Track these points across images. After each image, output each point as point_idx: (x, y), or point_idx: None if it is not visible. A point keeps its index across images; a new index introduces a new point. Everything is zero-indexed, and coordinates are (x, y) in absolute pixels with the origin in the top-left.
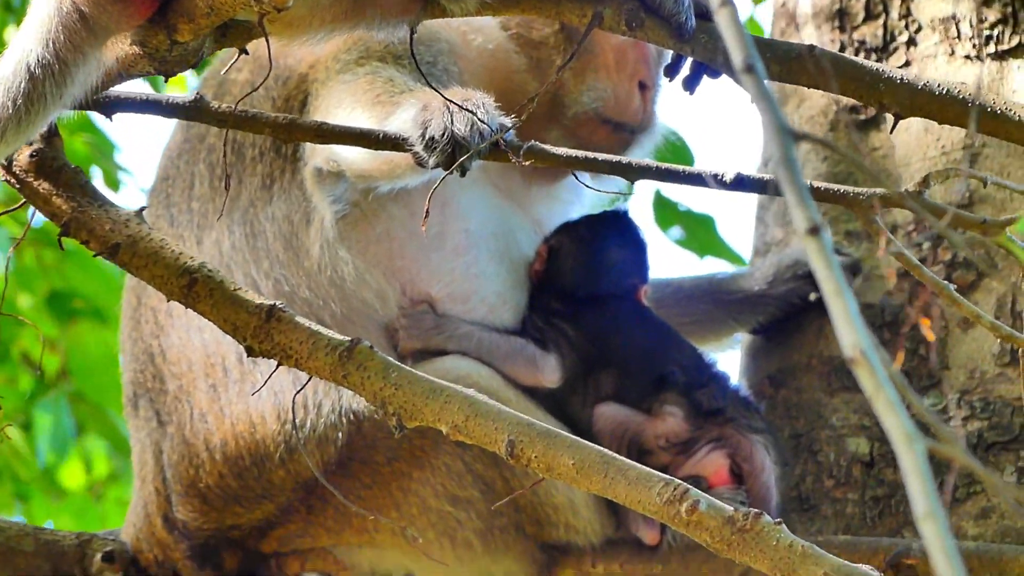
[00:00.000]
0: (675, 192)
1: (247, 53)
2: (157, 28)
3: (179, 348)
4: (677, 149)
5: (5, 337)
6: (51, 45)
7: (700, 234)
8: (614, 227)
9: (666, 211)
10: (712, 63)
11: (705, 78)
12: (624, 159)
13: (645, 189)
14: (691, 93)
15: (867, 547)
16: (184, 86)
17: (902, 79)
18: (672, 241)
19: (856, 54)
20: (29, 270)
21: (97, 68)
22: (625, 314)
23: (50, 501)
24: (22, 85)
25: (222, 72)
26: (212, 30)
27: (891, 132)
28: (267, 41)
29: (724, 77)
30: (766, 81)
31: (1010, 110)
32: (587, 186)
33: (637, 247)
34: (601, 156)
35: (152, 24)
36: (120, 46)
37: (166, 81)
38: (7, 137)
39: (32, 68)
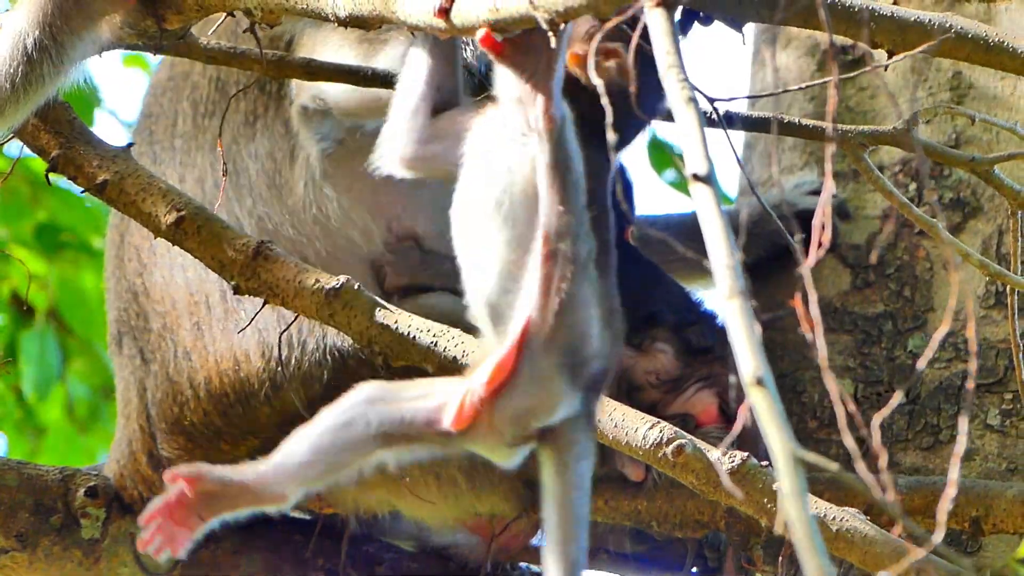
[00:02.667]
0: (670, 134)
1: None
2: (146, 14)
3: (163, 286)
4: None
5: None
6: (48, 28)
7: None
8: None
9: (661, 153)
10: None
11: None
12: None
13: None
14: (683, 36)
15: (851, 485)
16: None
17: (892, 14)
18: (667, 184)
19: None
20: (15, 205)
21: (93, 47)
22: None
23: (27, 439)
24: (20, 67)
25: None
26: None
27: (884, 70)
28: (258, 43)
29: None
30: None
31: (1003, 41)
32: None
33: (625, 192)
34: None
35: (142, 8)
36: (113, 23)
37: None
38: (6, 115)
39: (30, 51)
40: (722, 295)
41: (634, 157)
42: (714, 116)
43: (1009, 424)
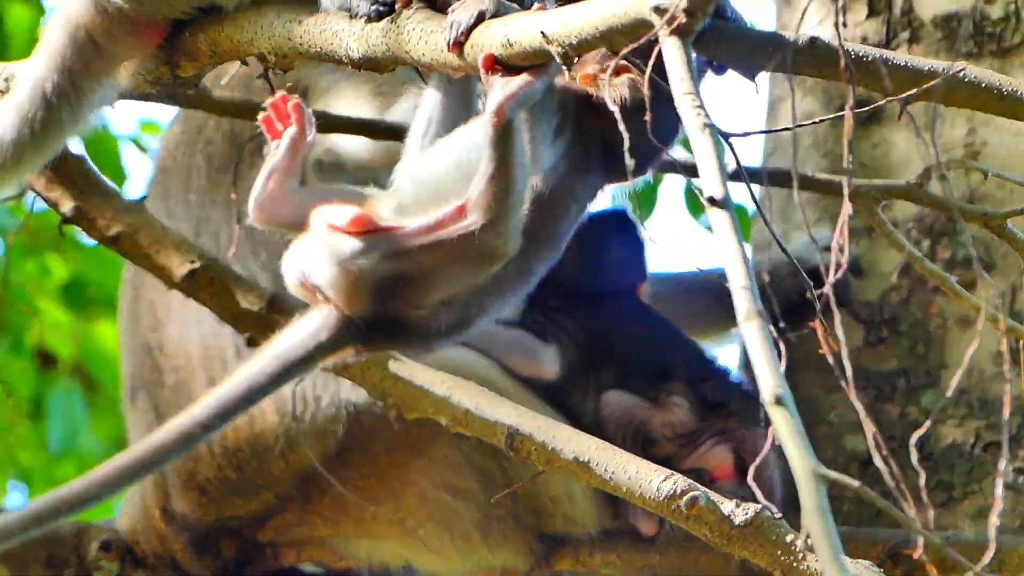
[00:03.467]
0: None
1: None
2: (161, 61)
3: (177, 342)
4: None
5: (17, 326)
6: (67, 73)
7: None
8: (614, 226)
9: (697, 200)
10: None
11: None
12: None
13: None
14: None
15: (864, 538)
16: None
17: (907, 63)
18: (704, 228)
19: None
20: (38, 257)
21: (111, 94)
22: (624, 310)
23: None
24: (39, 112)
25: (223, 80)
26: None
27: (898, 118)
28: (272, 89)
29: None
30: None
31: (1017, 90)
32: None
33: (636, 246)
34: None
35: (158, 55)
36: (130, 69)
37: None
38: (25, 160)
39: (49, 96)
40: (740, 316)
41: (668, 211)
42: (733, 167)
43: (1022, 481)
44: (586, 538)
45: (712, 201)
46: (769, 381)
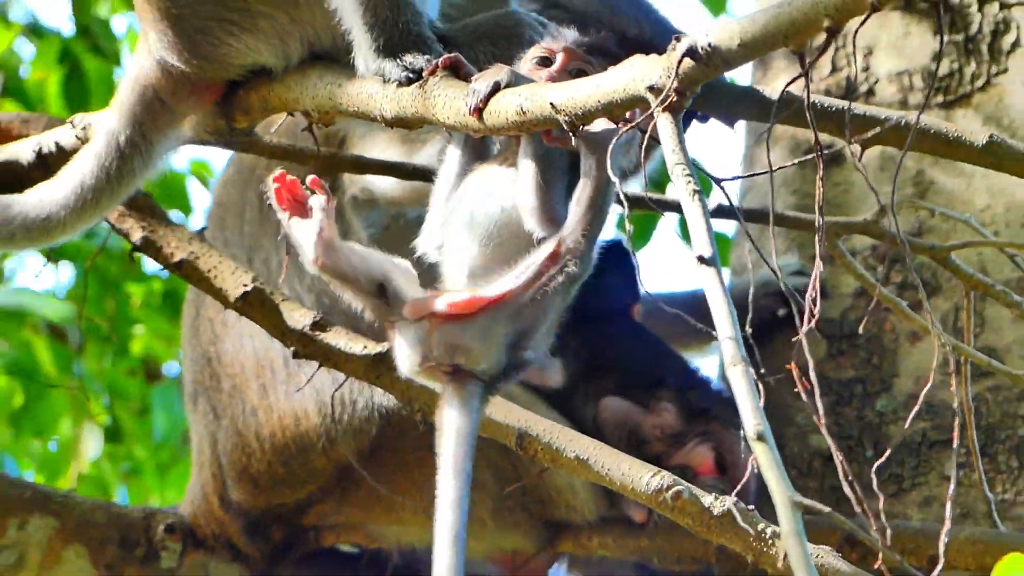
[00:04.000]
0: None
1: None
2: (218, 115)
3: (233, 353)
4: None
5: (123, 335)
6: (138, 127)
7: (722, 250)
8: (609, 257)
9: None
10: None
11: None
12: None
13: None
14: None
15: (826, 526)
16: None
17: (866, 113)
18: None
19: None
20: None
21: (176, 143)
22: (620, 328)
23: (159, 478)
24: (114, 162)
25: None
26: None
27: (859, 159)
28: (315, 140)
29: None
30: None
31: (961, 135)
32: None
33: (630, 272)
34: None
35: (216, 110)
36: (192, 122)
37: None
38: (102, 204)
39: (122, 147)
40: (727, 362)
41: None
42: (719, 206)
43: (963, 475)
44: (585, 525)
45: (701, 259)
46: (751, 420)
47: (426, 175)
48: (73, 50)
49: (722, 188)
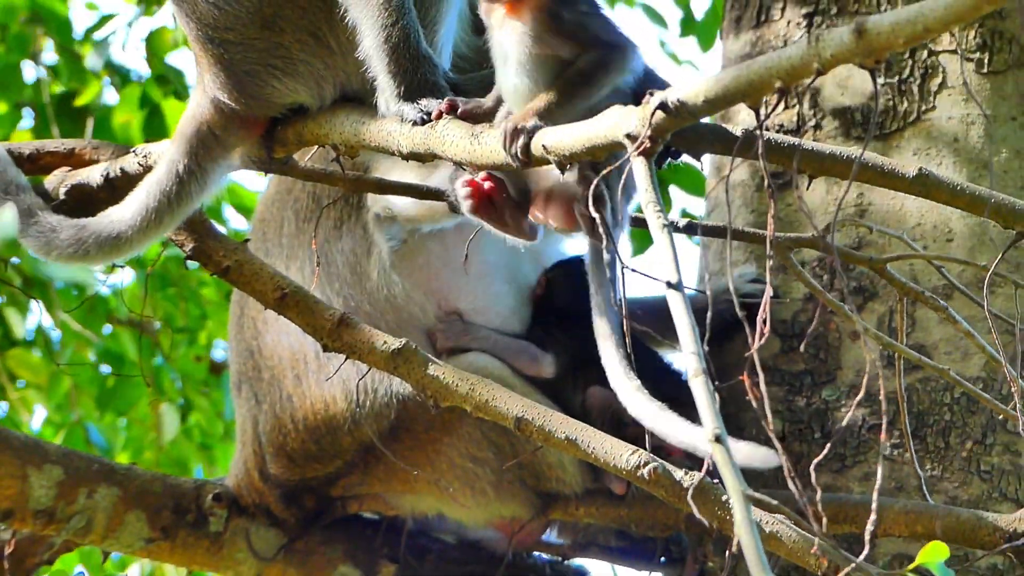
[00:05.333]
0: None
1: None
2: (261, 147)
3: (272, 347)
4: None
5: (194, 326)
6: (195, 156)
7: None
8: None
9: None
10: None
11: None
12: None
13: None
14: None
15: (780, 498)
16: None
17: (814, 148)
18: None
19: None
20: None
21: (226, 170)
22: None
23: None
24: (173, 187)
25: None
26: None
27: (807, 188)
28: (342, 168)
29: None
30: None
31: (895, 168)
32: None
33: (613, 280)
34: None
35: (259, 143)
36: (239, 153)
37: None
38: (164, 223)
39: (181, 174)
40: (689, 373)
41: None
42: (689, 222)
43: (897, 454)
44: (573, 496)
45: (669, 284)
46: (710, 424)
47: (438, 196)
48: (151, 95)
49: (693, 217)
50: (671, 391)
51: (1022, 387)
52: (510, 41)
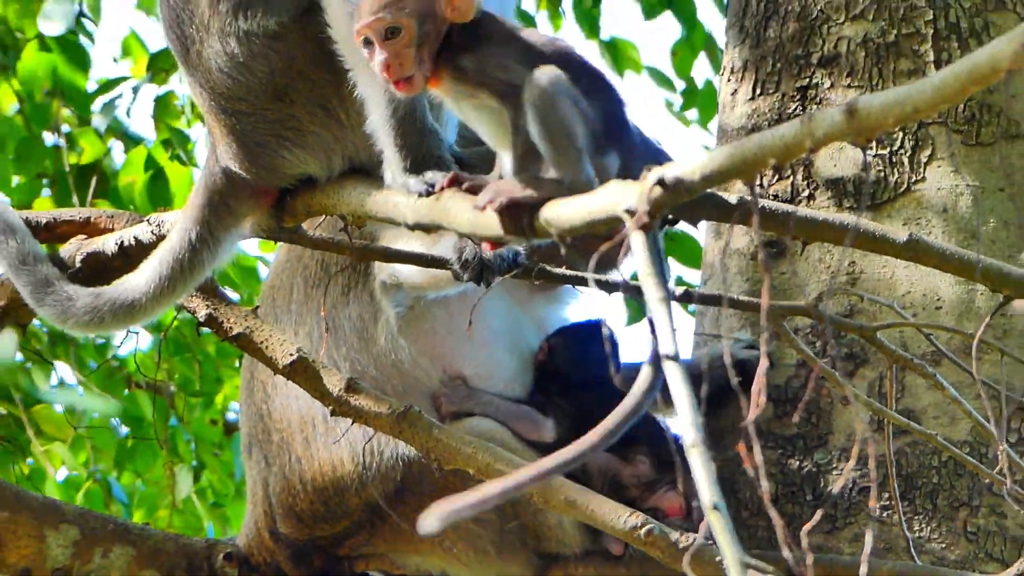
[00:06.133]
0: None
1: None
2: (271, 216)
3: (281, 410)
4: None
5: (209, 389)
6: (206, 225)
7: None
8: (595, 334)
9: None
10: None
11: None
12: (606, 278)
13: None
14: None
15: (772, 559)
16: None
17: (807, 216)
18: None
19: None
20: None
21: (238, 238)
22: (602, 394)
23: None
24: (186, 254)
25: (316, 225)
26: None
27: (801, 254)
28: (349, 237)
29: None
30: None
31: (886, 234)
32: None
33: (612, 346)
34: (586, 275)
35: (270, 212)
36: (250, 222)
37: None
38: (177, 290)
39: (194, 242)
40: (687, 443)
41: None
42: (685, 291)
43: (886, 516)
44: (572, 556)
45: (667, 356)
46: (708, 493)
47: (443, 264)
48: (156, 158)
49: (687, 284)
50: (669, 456)
51: (1007, 452)
52: (455, 108)
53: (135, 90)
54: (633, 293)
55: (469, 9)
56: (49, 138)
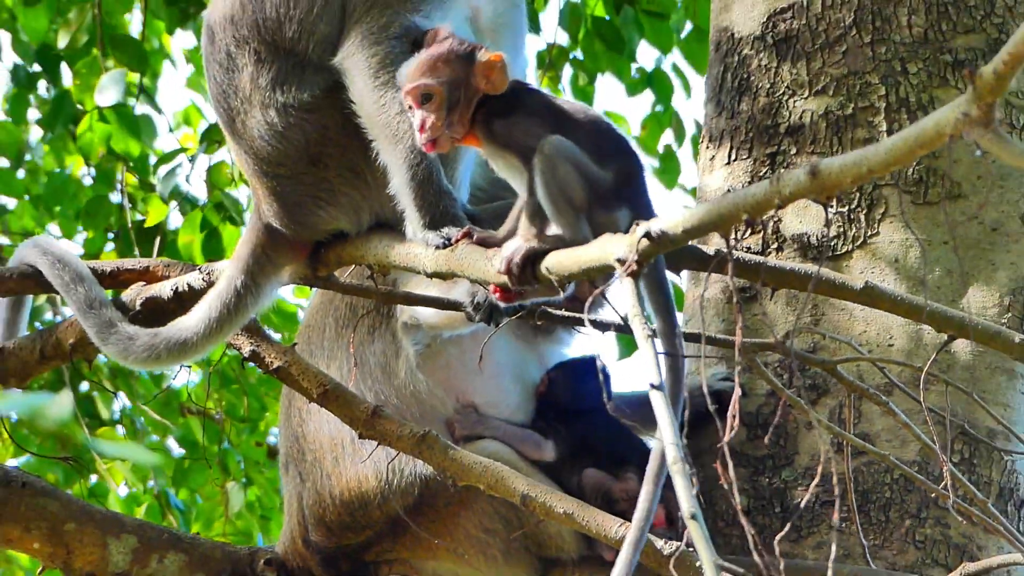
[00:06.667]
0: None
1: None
2: (307, 266)
3: (314, 433)
4: None
5: (254, 416)
6: (250, 274)
7: None
8: (590, 368)
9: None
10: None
11: None
12: (595, 318)
13: None
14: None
15: (746, 564)
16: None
17: (776, 265)
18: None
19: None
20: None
21: (278, 285)
22: (597, 420)
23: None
24: (232, 299)
25: (346, 272)
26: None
27: (771, 299)
28: (375, 283)
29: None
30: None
31: (845, 282)
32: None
33: (604, 378)
34: (577, 315)
35: (305, 262)
36: (288, 271)
37: (310, 287)
38: (224, 330)
39: (239, 289)
40: (669, 462)
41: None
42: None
43: (845, 526)
44: (570, 561)
45: (652, 386)
46: (687, 505)
47: (457, 307)
48: (211, 220)
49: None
50: None
51: (951, 470)
52: (492, 162)
53: (192, 159)
54: (626, 331)
55: (502, 83)
56: (114, 196)
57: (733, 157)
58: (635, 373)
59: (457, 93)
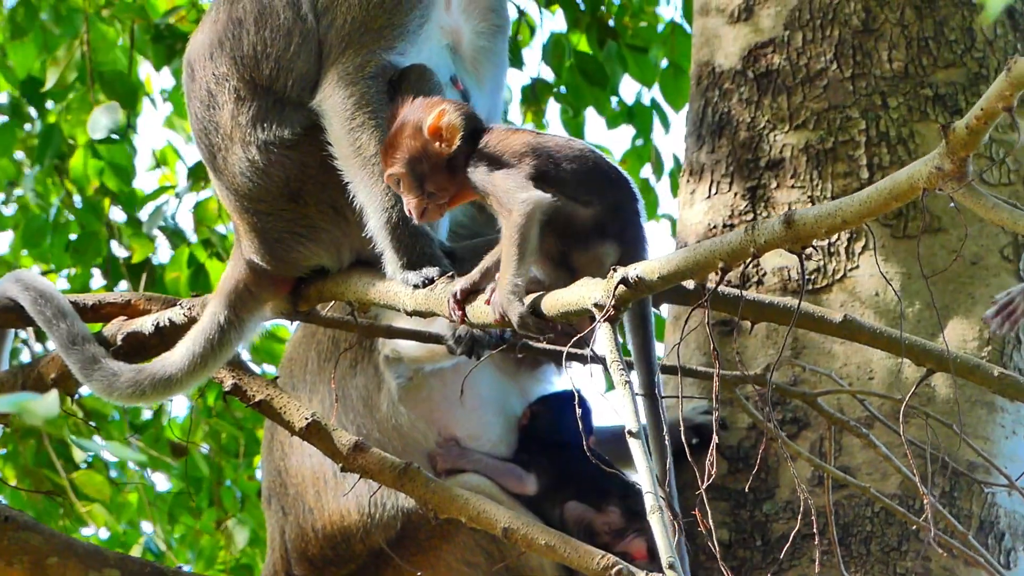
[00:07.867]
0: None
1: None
2: (288, 302)
3: (296, 467)
4: None
5: (250, 451)
6: (233, 309)
7: None
8: (570, 402)
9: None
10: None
11: None
12: (580, 352)
13: None
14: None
15: None
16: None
17: (755, 299)
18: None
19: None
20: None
21: (260, 320)
22: (578, 453)
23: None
24: (215, 334)
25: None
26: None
27: (751, 333)
28: (355, 318)
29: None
30: None
31: (824, 315)
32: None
33: (585, 412)
34: (558, 348)
35: (287, 298)
36: (269, 306)
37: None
38: (208, 366)
39: (222, 324)
40: (648, 509)
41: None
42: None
43: (826, 559)
44: None
45: (630, 432)
46: (665, 553)
47: (438, 340)
48: (197, 256)
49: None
50: (636, 507)
51: (932, 503)
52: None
53: (178, 195)
54: (604, 367)
55: (454, 136)
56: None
57: (714, 191)
58: (620, 406)
59: (420, 167)
